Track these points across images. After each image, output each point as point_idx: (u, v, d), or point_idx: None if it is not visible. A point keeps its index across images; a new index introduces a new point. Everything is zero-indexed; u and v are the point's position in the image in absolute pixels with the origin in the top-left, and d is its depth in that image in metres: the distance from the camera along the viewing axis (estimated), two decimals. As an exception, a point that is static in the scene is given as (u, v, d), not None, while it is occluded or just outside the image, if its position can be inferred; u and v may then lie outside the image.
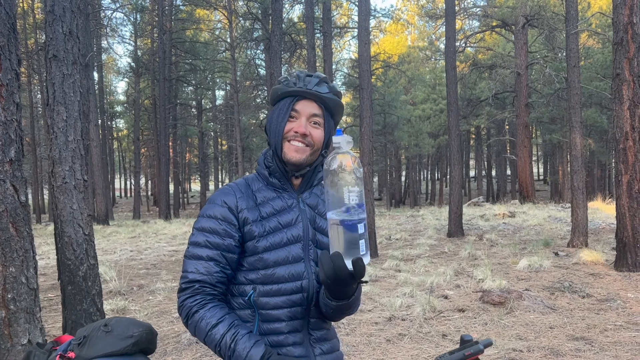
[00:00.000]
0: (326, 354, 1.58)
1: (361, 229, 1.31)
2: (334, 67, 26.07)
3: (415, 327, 5.73)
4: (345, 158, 1.33)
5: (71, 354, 1.62)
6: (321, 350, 1.56)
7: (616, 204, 8.63)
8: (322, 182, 1.76)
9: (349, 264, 1.29)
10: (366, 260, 1.33)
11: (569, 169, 12.26)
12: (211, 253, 1.50)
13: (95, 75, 29.24)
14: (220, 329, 1.43)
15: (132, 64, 34.59)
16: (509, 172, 42.36)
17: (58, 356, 1.63)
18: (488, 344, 1.51)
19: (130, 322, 1.71)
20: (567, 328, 5.54)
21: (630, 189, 8.32)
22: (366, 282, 1.41)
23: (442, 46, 28.70)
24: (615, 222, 8.68)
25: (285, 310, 1.51)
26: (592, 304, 6.49)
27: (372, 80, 24.73)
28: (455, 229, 13.92)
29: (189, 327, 1.50)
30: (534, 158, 45.43)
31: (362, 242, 1.31)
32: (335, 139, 1.35)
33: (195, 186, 67.32)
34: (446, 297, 7.04)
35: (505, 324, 5.73)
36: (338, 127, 1.57)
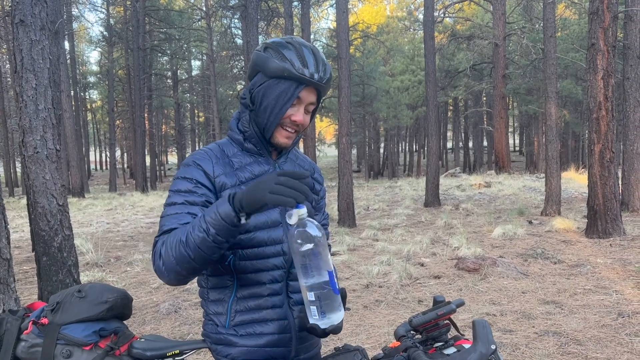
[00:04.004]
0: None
1: (310, 296, 1.33)
2: (312, 36, 25.74)
3: (392, 293, 5.83)
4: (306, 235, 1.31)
5: (44, 320, 1.60)
6: (300, 312, 1.58)
7: (588, 173, 8.81)
8: (296, 150, 1.74)
9: (312, 321, 1.37)
10: (324, 322, 1.35)
11: (544, 140, 12.46)
12: (190, 209, 1.45)
13: (67, 44, 28.32)
14: (189, 225, 1.35)
15: (105, 32, 33.57)
16: (485, 143, 42.78)
17: (31, 322, 1.62)
18: (460, 304, 1.54)
19: (105, 288, 1.70)
20: (539, 293, 5.70)
21: (602, 158, 8.49)
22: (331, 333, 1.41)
23: (421, 16, 28.50)
24: (587, 191, 8.89)
25: (266, 273, 1.52)
26: (563, 269, 6.68)
27: (351, 50, 24.48)
28: (432, 199, 14.09)
29: (163, 252, 1.37)
30: (510, 129, 45.96)
31: (313, 308, 1.34)
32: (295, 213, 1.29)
33: (172, 158, 66.60)
34: (422, 265, 7.17)
35: (480, 289, 5.87)
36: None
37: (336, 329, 1.38)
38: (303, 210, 1.30)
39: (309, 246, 1.29)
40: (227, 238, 1.30)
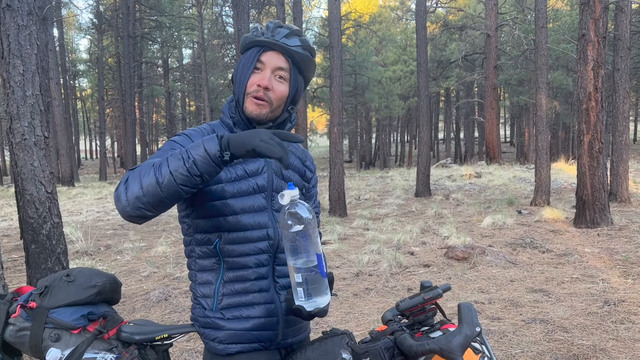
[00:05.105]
0: (291, 301, 1.61)
1: (297, 277, 1.35)
2: (304, 25, 25.60)
3: (382, 281, 5.87)
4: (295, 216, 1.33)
5: (33, 304, 1.60)
6: (287, 295, 1.59)
7: (577, 163, 8.88)
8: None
9: (298, 302, 1.39)
10: (309, 305, 1.37)
11: (534, 131, 12.54)
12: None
13: (55, 31, 27.96)
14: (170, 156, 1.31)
15: (94, 20, 33.18)
16: (476, 134, 42.92)
17: (19, 306, 1.61)
18: (446, 289, 1.55)
19: (93, 272, 1.70)
20: (527, 281, 5.76)
21: (591, 149, 8.55)
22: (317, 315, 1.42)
23: (413, 6, 28.47)
24: (576, 182, 8.96)
25: (252, 257, 1.52)
26: (551, 258, 6.75)
27: (343, 40, 24.40)
28: (423, 189, 14.14)
29: (130, 178, 1.31)
30: (502, 120, 46.08)
31: (300, 290, 1.36)
32: (286, 194, 1.31)
33: (163, 148, 66.19)
34: (412, 254, 7.21)
35: (469, 278, 5.93)
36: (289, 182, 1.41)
37: (321, 312, 1.39)
38: (295, 192, 1.31)
39: (299, 227, 1.30)
40: (203, 173, 1.27)
